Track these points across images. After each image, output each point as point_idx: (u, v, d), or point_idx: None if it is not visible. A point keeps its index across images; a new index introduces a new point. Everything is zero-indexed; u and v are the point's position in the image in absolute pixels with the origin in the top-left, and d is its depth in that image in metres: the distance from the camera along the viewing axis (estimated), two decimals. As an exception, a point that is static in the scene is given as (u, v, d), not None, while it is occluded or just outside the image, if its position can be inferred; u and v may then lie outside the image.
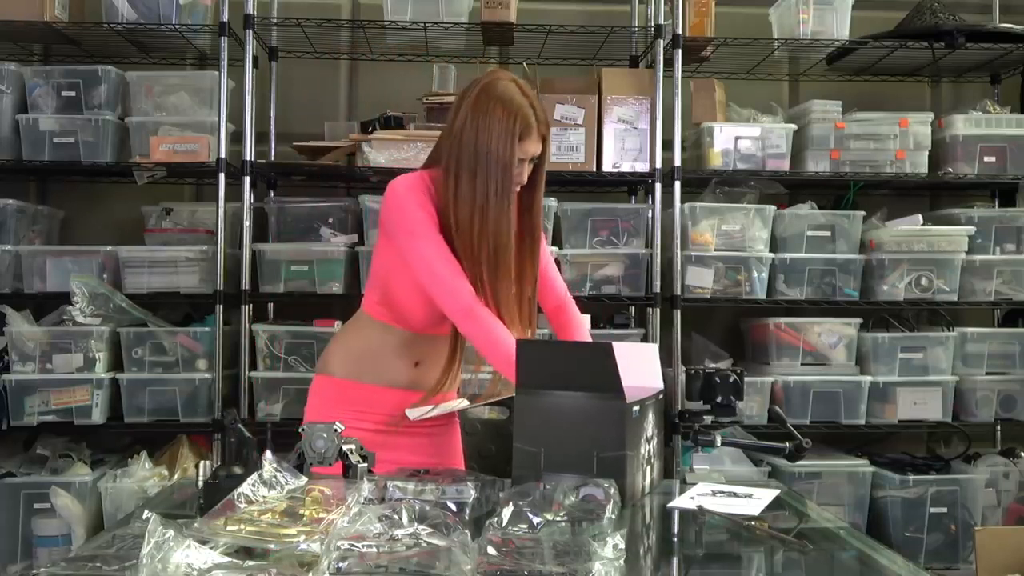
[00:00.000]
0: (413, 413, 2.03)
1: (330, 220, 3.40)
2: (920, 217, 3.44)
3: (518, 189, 2.04)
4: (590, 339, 2.32)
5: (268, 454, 1.49)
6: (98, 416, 3.19)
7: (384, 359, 2.09)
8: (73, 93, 3.29)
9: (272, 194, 3.60)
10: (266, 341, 3.26)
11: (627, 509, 1.65)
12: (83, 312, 3.18)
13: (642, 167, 3.37)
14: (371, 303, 2.12)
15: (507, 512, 1.35)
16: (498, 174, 1.97)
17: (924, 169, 3.47)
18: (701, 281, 3.34)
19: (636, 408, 1.72)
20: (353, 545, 1.18)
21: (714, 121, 3.44)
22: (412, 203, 1.99)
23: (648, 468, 1.82)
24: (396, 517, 1.23)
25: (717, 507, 1.70)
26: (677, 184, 3.32)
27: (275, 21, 3.42)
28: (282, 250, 3.32)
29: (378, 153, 3.25)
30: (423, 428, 2.10)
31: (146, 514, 1.21)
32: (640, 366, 1.86)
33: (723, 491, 1.84)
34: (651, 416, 1.82)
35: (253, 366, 3.26)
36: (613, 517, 1.45)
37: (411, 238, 1.98)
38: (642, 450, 1.77)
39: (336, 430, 1.68)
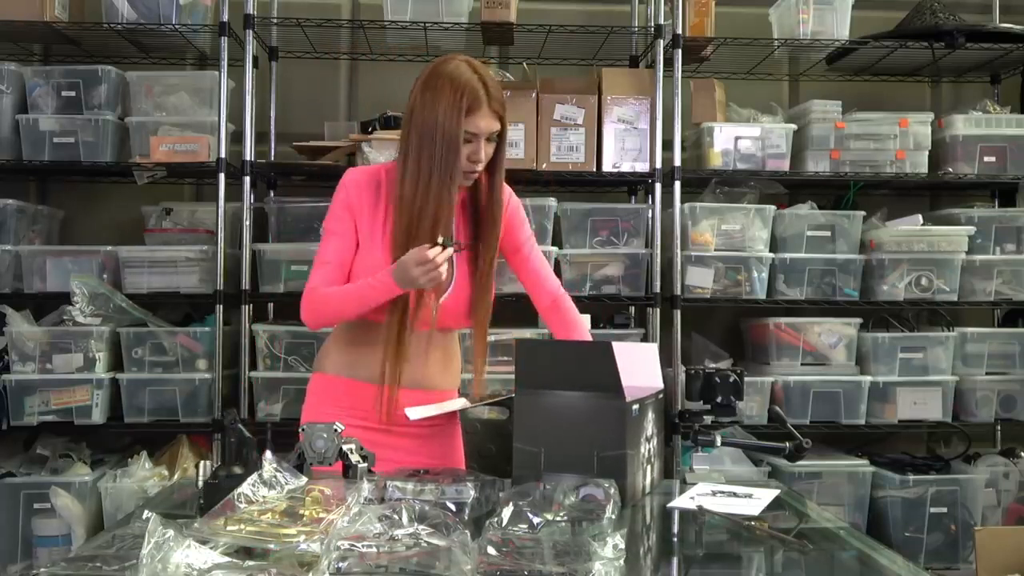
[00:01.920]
0: (413, 413, 2.02)
1: (330, 220, 3.39)
2: (920, 217, 3.44)
3: (479, 167, 2.03)
4: (589, 338, 2.30)
5: (268, 454, 1.49)
6: (98, 416, 3.19)
7: (374, 354, 2.07)
8: (73, 93, 3.29)
9: (272, 194, 3.60)
10: (266, 341, 3.26)
11: (627, 509, 1.65)
12: (83, 312, 3.18)
13: (642, 167, 3.37)
14: None
15: (507, 512, 1.35)
16: (443, 148, 1.98)
17: (924, 169, 3.47)
18: (701, 281, 3.34)
19: (636, 407, 1.72)
20: (353, 545, 1.18)
21: (714, 121, 3.43)
22: (338, 202, 2.10)
23: (648, 468, 1.82)
24: (396, 517, 1.23)
25: (717, 507, 1.70)
26: (677, 184, 3.32)
27: (275, 21, 3.42)
28: (282, 250, 3.32)
29: (378, 153, 3.25)
30: (422, 428, 2.09)
31: (146, 514, 1.21)
32: (640, 366, 1.87)
33: (723, 491, 1.85)
34: (651, 415, 1.82)
35: (253, 366, 3.26)
36: (613, 517, 1.45)
37: (323, 234, 2.10)
38: (642, 449, 1.77)
39: (336, 430, 1.68)
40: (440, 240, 1.93)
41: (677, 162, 3.33)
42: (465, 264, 2.10)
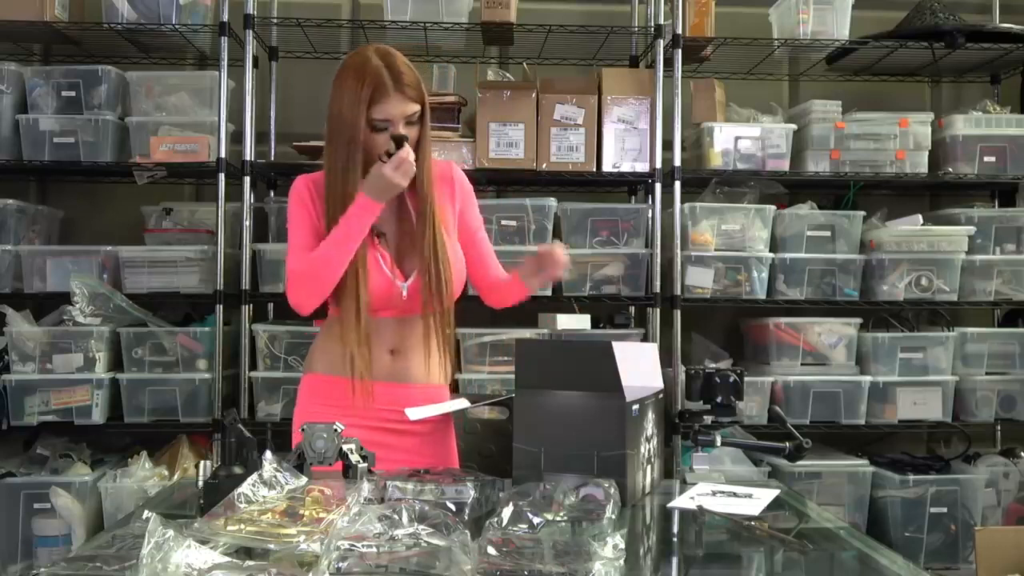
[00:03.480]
0: (413, 414, 2.02)
1: (330, 220, 3.40)
2: (920, 217, 3.43)
3: (412, 155, 2.00)
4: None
5: (268, 454, 1.49)
6: (98, 416, 3.19)
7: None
8: (73, 93, 3.29)
9: (272, 194, 3.60)
10: (266, 341, 3.26)
11: (627, 509, 1.65)
12: (83, 312, 3.18)
13: (642, 167, 3.37)
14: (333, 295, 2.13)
15: (507, 512, 1.35)
16: (347, 140, 1.99)
17: (924, 169, 3.47)
18: (701, 281, 3.34)
19: (636, 407, 1.72)
20: (353, 545, 1.18)
21: (714, 121, 3.43)
22: (291, 202, 2.10)
23: (648, 467, 1.82)
24: (396, 517, 1.23)
25: (717, 507, 1.70)
26: (677, 184, 3.32)
27: (275, 21, 3.42)
28: (282, 250, 3.29)
29: (378, 153, 3.25)
30: (416, 427, 2.07)
31: (146, 514, 1.21)
32: (640, 365, 1.87)
33: (723, 491, 1.85)
34: (651, 415, 1.82)
35: (253, 366, 3.26)
36: (613, 517, 1.45)
37: (289, 231, 2.09)
38: (642, 449, 1.77)
39: (336, 430, 1.68)
40: (391, 148, 1.94)
41: (677, 162, 3.33)
42: (421, 248, 2.08)
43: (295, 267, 2.04)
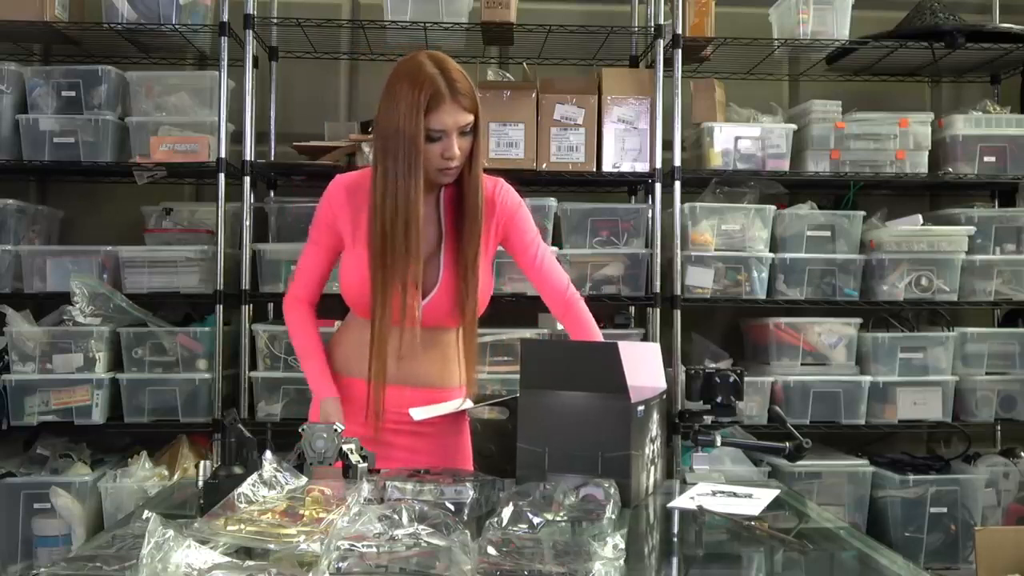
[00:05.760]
0: (417, 414, 2.01)
1: (330, 220, 3.40)
2: (920, 217, 3.44)
3: (454, 163, 1.96)
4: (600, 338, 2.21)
5: (268, 454, 1.49)
6: (98, 416, 3.19)
7: (367, 352, 2.05)
8: (73, 93, 3.29)
9: (272, 194, 3.61)
10: (266, 341, 3.26)
11: (627, 509, 1.65)
12: (83, 312, 3.18)
13: (642, 167, 3.37)
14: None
15: (507, 512, 1.35)
16: (406, 150, 1.92)
17: (924, 169, 3.47)
18: (701, 281, 3.34)
19: (641, 408, 1.72)
20: (353, 545, 1.18)
21: (714, 121, 3.43)
22: (321, 207, 2.11)
23: (652, 468, 1.82)
24: (396, 517, 1.23)
25: (717, 507, 1.70)
26: (677, 184, 3.32)
27: (275, 21, 3.42)
28: (282, 250, 3.32)
29: (378, 153, 3.24)
30: (428, 428, 2.07)
31: (146, 514, 1.21)
32: (643, 366, 1.86)
33: (723, 491, 1.85)
34: (655, 416, 1.82)
35: (253, 366, 3.26)
36: (613, 517, 1.45)
37: (308, 239, 2.13)
38: (646, 451, 1.77)
39: (336, 430, 1.68)
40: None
41: (677, 162, 3.33)
42: (451, 262, 2.06)
43: (287, 310, 2.17)
